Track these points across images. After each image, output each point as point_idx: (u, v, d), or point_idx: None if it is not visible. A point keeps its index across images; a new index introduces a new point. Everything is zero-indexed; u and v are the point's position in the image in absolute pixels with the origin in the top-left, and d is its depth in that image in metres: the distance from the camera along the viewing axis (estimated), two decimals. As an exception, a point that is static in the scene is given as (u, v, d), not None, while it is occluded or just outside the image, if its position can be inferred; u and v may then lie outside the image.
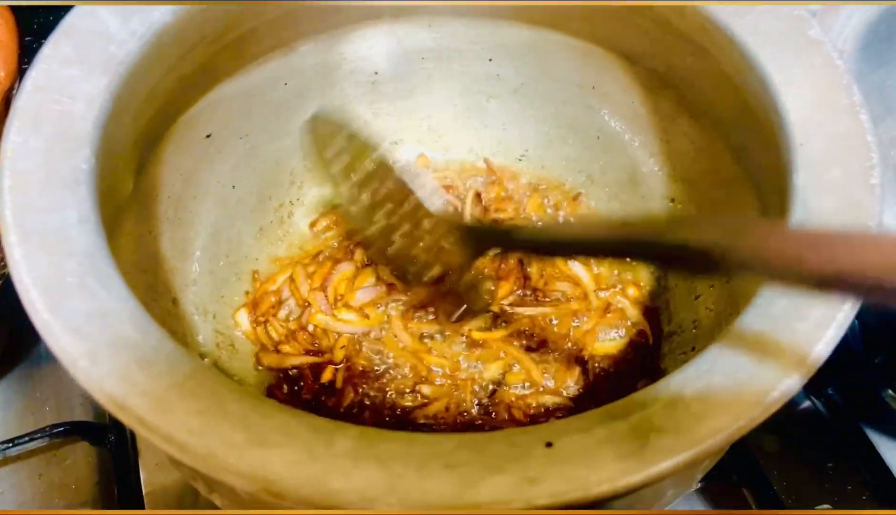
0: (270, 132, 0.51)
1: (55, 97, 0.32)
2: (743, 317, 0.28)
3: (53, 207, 0.29)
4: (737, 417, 0.24)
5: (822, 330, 0.26)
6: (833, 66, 0.33)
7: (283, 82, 0.49)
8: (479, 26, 0.50)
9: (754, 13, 0.36)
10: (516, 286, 0.49)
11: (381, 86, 0.53)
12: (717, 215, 0.46)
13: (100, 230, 0.30)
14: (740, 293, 0.41)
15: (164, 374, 0.26)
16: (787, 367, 0.25)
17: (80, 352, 0.26)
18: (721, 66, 0.39)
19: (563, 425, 0.25)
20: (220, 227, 0.49)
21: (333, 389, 0.45)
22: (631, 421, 0.25)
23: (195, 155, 0.46)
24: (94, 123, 0.32)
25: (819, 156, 0.31)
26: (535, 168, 0.55)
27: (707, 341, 0.43)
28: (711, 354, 0.27)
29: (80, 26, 0.34)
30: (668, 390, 0.26)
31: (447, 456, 0.24)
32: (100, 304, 0.27)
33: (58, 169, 0.30)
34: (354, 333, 0.47)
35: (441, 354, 0.46)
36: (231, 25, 0.42)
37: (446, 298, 0.47)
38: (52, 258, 0.28)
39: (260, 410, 0.25)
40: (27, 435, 0.46)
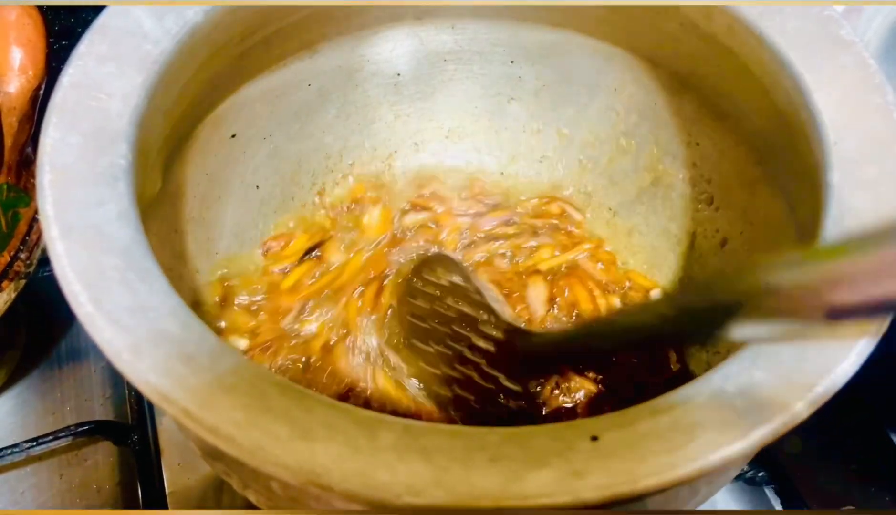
0: (293, 133, 0.51)
1: (92, 93, 0.32)
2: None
3: (93, 202, 0.29)
4: (782, 412, 0.24)
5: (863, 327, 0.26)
6: (865, 65, 0.34)
7: (306, 83, 0.49)
8: (500, 28, 0.50)
9: (783, 14, 0.36)
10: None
11: (402, 87, 0.53)
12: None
13: (138, 225, 0.30)
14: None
15: (207, 369, 0.26)
16: (831, 361, 0.26)
17: (124, 345, 0.26)
18: (748, 67, 0.39)
19: (607, 420, 0.25)
20: (243, 227, 0.49)
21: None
22: (674, 415, 0.25)
23: (220, 155, 0.46)
24: (130, 120, 0.32)
25: (853, 155, 0.31)
26: (555, 170, 0.55)
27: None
28: (751, 350, 0.27)
29: (115, 25, 0.35)
30: (710, 386, 0.26)
31: (492, 450, 0.24)
32: (141, 299, 0.27)
33: (96, 164, 0.30)
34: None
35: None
36: (258, 26, 0.42)
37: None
38: (92, 252, 0.28)
39: (303, 404, 0.25)
40: (51, 434, 0.47)
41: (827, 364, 0.26)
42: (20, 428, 0.52)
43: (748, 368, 0.26)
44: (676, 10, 0.41)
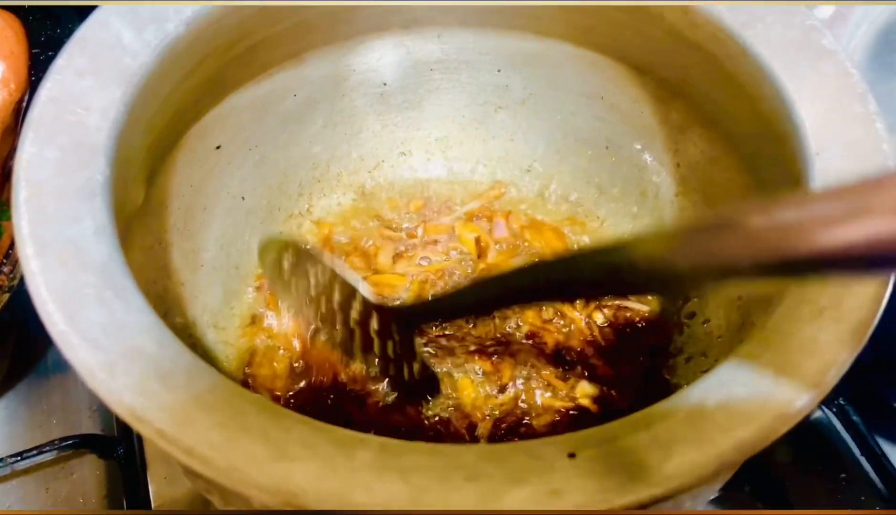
0: (279, 143, 0.51)
1: (70, 108, 0.32)
2: (763, 326, 0.28)
3: (69, 219, 0.29)
4: (761, 428, 0.24)
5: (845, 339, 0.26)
6: (847, 74, 0.33)
7: (292, 93, 0.49)
8: (487, 37, 0.50)
9: (766, 23, 0.36)
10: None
11: (389, 97, 0.53)
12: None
13: (115, 241, 0.29)
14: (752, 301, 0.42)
15: (183, 387, 0.25)
16: (810, 377, 0.25)
17: (98, 364, 0.25)
18: (734, 75, 0.39)
19: (586, 436, 0.25)
20: (229, 239, 0.49)
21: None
22: (654, 431, 0.25)
23: (205, 166, 0.46)
24: (109, 134, 0.32)
25: (835, 165, 0.31)
26: (543, 179, 0.55)
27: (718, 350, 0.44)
28: (731, 364, 0.27)
29: (94, 38, 0.34)
30: (689, 401, 0.26)
31: (469, 468, 0.24)
32: (117, 316, 0.27)
33: (73, 180, 0.30)
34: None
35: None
36: (242, 36, 0.42)
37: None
38: (68, 270, 0.28)
39: (280, 423, 0.25)
40: (35, 449, 0.46)
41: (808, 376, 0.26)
42: (6, 441, 0.51)
43: (728, 383, 0.26)
44: (661, 19, 0.41)
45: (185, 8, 0.36)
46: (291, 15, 0.43)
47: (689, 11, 0.38)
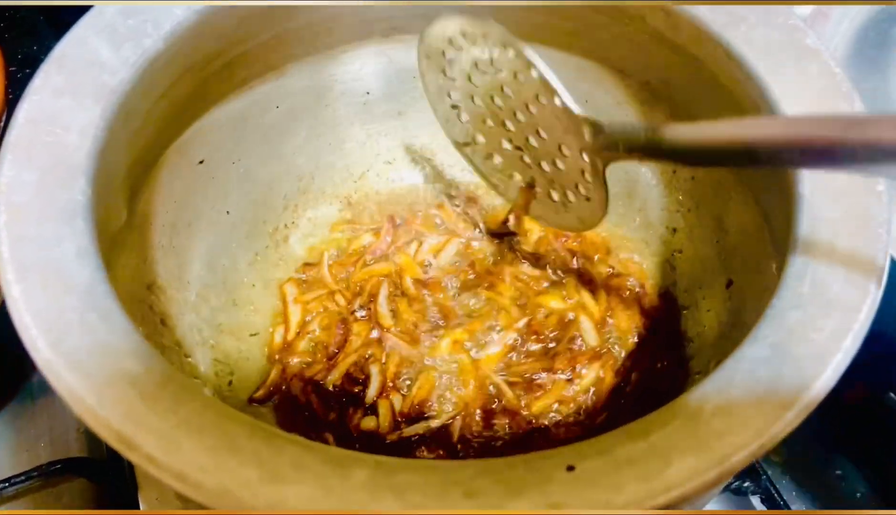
0: (262, 156, 0.50)
1: (48, 128, 0.32)
2: (757, 329, 0.27)
3: (50, 241, 0.29)
4: (759, 433, 0.24)
5: (839, 341, 0.26)
6: (832, 74, 0.33)
7: (274, 105, 0.49)
8: (469, 44, 0.50)
9: (748, 23, 0.36)
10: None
11: (373, 106, 0.53)
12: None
13: (98, 263, 0.29)
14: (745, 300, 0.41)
15: (172, 410, 0.25)
16: (806, 380, 0.25)
17: (84, 391, 0.25)
18: (717, 77, 0.39)
19: (584, 447, 0.25)
20: (215, 254, 0.48)
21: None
22: (651, 440, 0.24)
23: (188, 181, 0.45)
24: (88, 154, 0.32)
25: (823, 165, 0.31)
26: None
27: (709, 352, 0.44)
28: (728, 369, 0.26)
29: (71, 55, 0.34)
30: (687, 407, 0.25)
31: (466, 484, 0.24)
32: (102, 340, 0.26)
33: (53, 201, 0.30)
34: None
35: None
36: (221, 50, 0.42)
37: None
38: (51, 294, 0.27)
39: (272, 444, 0.25)
40: (23, 474, 0.45)
41: (804, 379, 0.26)
42: (-6, 465, 0.50)
43: (725, 387, 0.26)
44: (643, 22, 0.41)
45: (163, 23, 0.36)
46: (271, 27, 0.43)
47: (671, 14, 0.38)
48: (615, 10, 0.42)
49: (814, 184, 0.31)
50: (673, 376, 0.45)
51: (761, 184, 0.40)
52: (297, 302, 0.50)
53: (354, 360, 0.47)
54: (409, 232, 0.53)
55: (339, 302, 0.50)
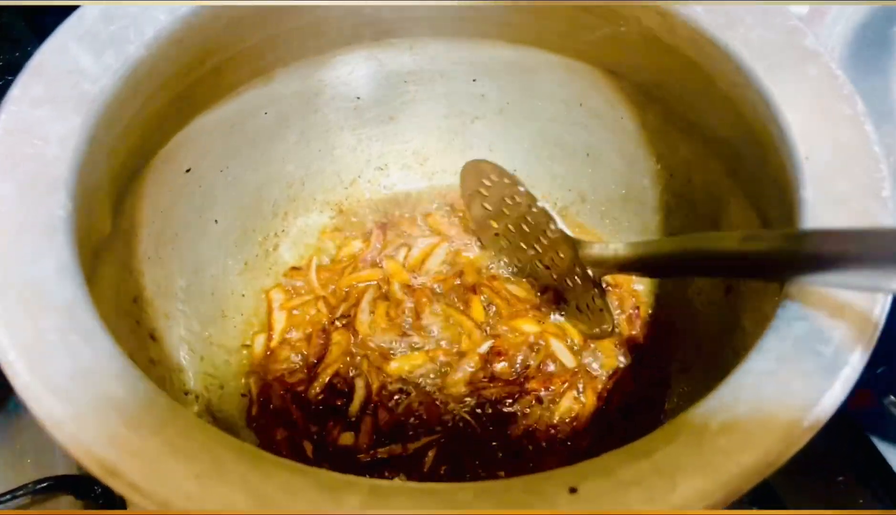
0: (251, 162, 0.49)
1: (27, 139, 0.30)
2: (762, 342, 0.27)
3: (29, 258, 0.27)
4: (768, 452, 0.23)
5: (848, 353, 0.25)
6: (832, 76, 0.33)
7: (262, 111, 0.48)
8: (460, 47, 0.49)
9: (746, 25, 0.35)
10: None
11: (363, 110, 0.52)
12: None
13: (80, 280, 0.28)
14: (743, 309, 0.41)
15: (156, 434, 0.24)
16: (815, 395, 0.24)
17: (65, 416, 0.24)
18: (713, 79, 0.38)
19: (586, 468, 0.24)
20: (203, 263, 0.47)
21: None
22: (655, 459, 0.24)
23: (175, 190, 0.44)
24: (69, 165, 0.31)
25: (825, 170, 0.30)
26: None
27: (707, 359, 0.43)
28: (733, 383, 0.25)
29: (51, 64, 0.33)
30: (691, 424, 0.24)
31: (463, 508, 0.23)
32: (84, 362, 0.25)
33: (33, 216, 0.29)
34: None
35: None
36: (207, 55, 0.40)
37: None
38: (30, 313, 0.26)
39: (260, 468, 0.24)
40: (9, 493, 0.44)
41: (812, 395, 0.25)
42: (-22, 484, 0.49)
43: (731, 404, 0.25)
44: (638, 23, 0.40)
45: (146, 28, 0.35)
46: (258, 32, 0.42)
47: (666, 16, 0.37)
48: (608, 12, 0.41)
49: (816, 189, 0.30)
50: (656, 396, 0.44)
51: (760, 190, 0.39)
52: (283, 308, 0.50)
53: (336, 370, 0.46)
54: (399, 236, 0.53)
55: (321, 310, 0.49)
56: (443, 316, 0.48)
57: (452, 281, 0.50)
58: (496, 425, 0.44)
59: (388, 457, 0.43)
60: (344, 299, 0.50)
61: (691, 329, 0.46)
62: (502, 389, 0.45)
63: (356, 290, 0.50)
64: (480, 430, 0.44)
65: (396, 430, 0.44)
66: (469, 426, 0.44)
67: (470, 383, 0.46)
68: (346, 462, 0.43)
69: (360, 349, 0.47)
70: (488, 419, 0.44)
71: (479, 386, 0.45)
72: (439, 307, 0.49)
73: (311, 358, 0.47)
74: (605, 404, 0.45)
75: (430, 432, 0.44)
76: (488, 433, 0.44)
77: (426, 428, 0.44)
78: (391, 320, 0.48)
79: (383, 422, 0.44)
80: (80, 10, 0.35)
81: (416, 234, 0.53)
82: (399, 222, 0.54)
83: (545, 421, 0.45)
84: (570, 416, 0.45)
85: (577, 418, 0.45)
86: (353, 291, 0.50)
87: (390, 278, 0.50)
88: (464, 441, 0.44)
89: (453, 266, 0.51)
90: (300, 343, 0.48)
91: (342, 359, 0.47)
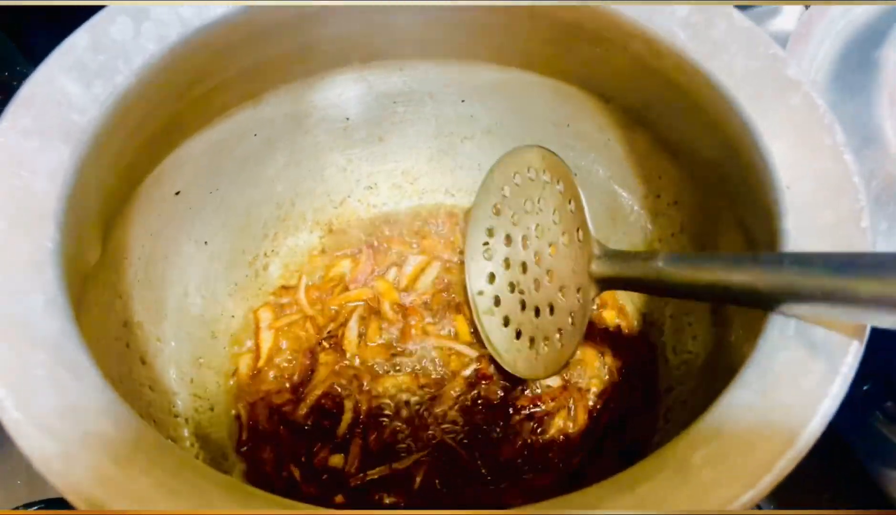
0: (241, 184, 0.49)
1: (15, 171, 0.31)
2: (744, 373, 0.27)
3: (17, 292, 0.28)
4: (751, 484, 0.23)
5: (827, 386, 0.26)
6: (814, 106, 0.33)
7: (252, 133, 0.48)
8: (449, 69, 0.49)
9: (730, 53, 0.36)
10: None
11: (353, 131, 0.52)
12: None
13: (68, 313, 0.28)
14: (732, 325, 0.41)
15: (146, 472, 0.24)
16: (796, 427, 0.25)
17: (53, 453, 0.24)
18: (699, 105, 0.38)
19: (569, 501, 0.24)
20: (193, 286, 0.47)
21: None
22: (639, 493, 0.24)
23: (164, 213, 0.44)
24: (58, 197, 0.31)
25: (807, 199, 0.31)
26: (513, 207, 0.54)
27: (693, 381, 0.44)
28: (716, 415, 0.26)
29: (40, 95, 0.33)
30: (674, 457, 0.25)
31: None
32: (72, 398, 0.25)
33: (20, 251, 0.29)
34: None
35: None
36: (195, 81, 0.41)
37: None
38: (18, 348, 0.26)
39: (249, 506, 0.24)
40: None
41: (793, 427, 0.25)
42: (-32, 506, 0.49)
43: (714, 435, 0.25)
44: (625, 49, 0.40)
45: (134, 58, 0.35)
46: (246, 57, 0.42)
47: (651, 42, 0.38)
48: (595, 36, 0.42)
49: (798, 220, 0.31)
50: (646, 419, 0.45)
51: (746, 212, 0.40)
52: (271, 328, 0.50)
53: (323, 391, 0.46)
54: (389, 256, 0.53)
55: (309, 330, 0.49)
56: (432, 336, 0.49)
57: (441, 297, 0.51)
58: (484, 447, 0.44)
59: (377, 478, 0.43)
60: (332, 318, 0.50)
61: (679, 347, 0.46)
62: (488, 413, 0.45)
63: (345, 310, 0.50)
64: (467, 455, 0.44)
65: (385, 451, 0.44)
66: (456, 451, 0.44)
67: (457, 405, 0.46)
68: (336, 484, 0.43)
69: (348, 369, 0.47)
70: (476, 444, 0.44)
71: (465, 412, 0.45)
72: (429, 327, 0.49)
73: (298, 378, 0.48)
74: (595, 423, 0.46)
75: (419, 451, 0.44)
76: (475, 457, 0.44)
77: (414, 448, 0.45)
78: (379, 340, 0.49)
79: (372, 443, 0.45)
80: (69, 40, 0.35)
81: (406, 253, 0.53)
82: (389, 241, 0.54)
83: (536, 437, 0.45)
84: (562, 434, 0.45)
85: (568, 436, 0.45)
86: (343, 310, 0.50)
87: (381, 297, 0.51)
88: (452, 460, 0.44)
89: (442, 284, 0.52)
90: (287, 363, 0.48)
91: (329, 380, 0.47)
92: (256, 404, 0.47)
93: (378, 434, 0.45)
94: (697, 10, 0.37)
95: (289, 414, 0.46)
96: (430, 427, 0.45)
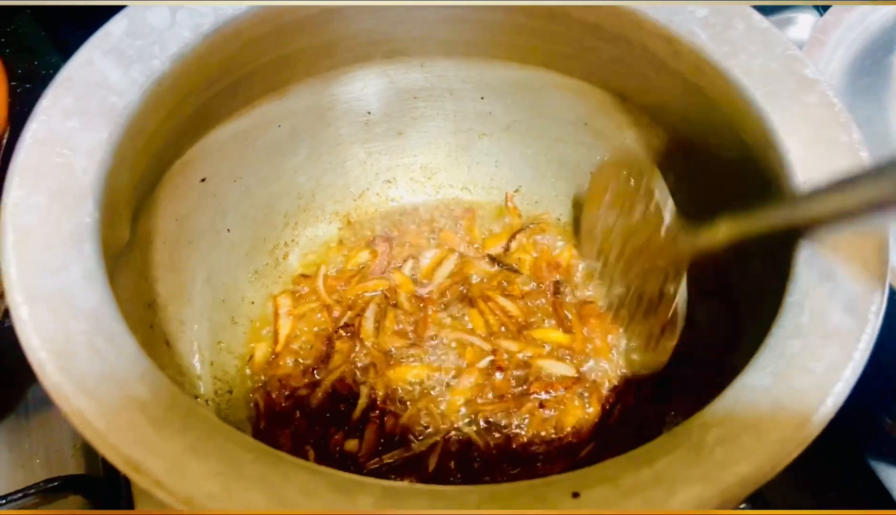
0: (264, 174, 0.50)
1: (56, 150, 0.32)
2: (757, 358, 0.28)
3: (58, 264, 0.29)
4: (762, 464, 0.24)
5: (839, 371, 0.27)
6: (830, 104, 0.34)
7: (276, 125, 0.49)
8: (470, 66, 0.51)
9: (748, 53, 0.37)
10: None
11: (373, 125, 0.53)
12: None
13: (106, 286, 0.29)
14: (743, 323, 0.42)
15: (179, 435, 0.25)
16: (807, 410, 0.26)
17: (93, 415, 0.25)
18: (717, 104, 0.39)
19: (589, 473, 0.25)
20: (215, 271, 0.48)
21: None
22: (656, 468, 0.25)
23: (190, 199, 0.45)
24: (96, 175, 0.32)
25: (822, 195, 0.32)
26: (529, 204, 0.55)
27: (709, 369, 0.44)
28: (730, 398, 0.27)
29: (80, 77, 0.34)
30: (688, 436, 0.26)
31: (472, 510, 0.24)
32: (110, 364, 0.26)
33: (61, 224, 0.30)
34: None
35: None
36: (226, 71, 0.42)
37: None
38: (59, 317, 0.27)
39: (278, 469, 0.25)
40: (20, 492, 0.45)
41: (805, 410, 0.26)
42: (-12, 482, 0.50)
43: (727, 417, 0.26)
44: (644, 49, 0.41)
45: (170, 45, 0.36)
46: (274, 50, 0.43)
47: (671, 42, 0.39)
48: (614, 36, 0.43)
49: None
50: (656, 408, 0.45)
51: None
52: (290, 314, 0.51)
53: (338, 376, 0.47)
54: (406, 248, 0.54)
55: (326, 318, 0.50)
56: (448, 328, 0.49)
57: (457, 290, 0.51)
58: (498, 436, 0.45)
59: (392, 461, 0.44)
60: (349, 307, 0.51)
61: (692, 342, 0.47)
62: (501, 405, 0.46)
63: (362, 300, 0.51)
64: (481, 442, 0.45)
65: (400, 437, 0.45)
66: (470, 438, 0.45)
67: (471, 396, 0.47)
68: (350, 467, 0.44)
69: (364, 357, 0.48)
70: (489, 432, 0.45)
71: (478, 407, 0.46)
72: (445, 318, 0.50)
73: (314, 364, 0.48)
74: (607, 415, 0.46)
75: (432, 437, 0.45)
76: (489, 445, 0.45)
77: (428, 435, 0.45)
78: (396, 330, 0.50)
79: (387, 428, 0.45)
80: (105, 27, 0.36)
81: (423, 246, 0.54)
82: (406, 234, 0.55)
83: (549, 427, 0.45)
84: (574, 424, 0.46)
85: (581, 427, 0.46)
86: (360, 300, 0.51)
87: (397, 288, 0.51)
88: (466, 447, 0.45)
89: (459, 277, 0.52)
90: (304, 349, 0.49)
91: (345, 367, 0.48)
92: (273, 389, 0.48)
93: (394, 420, 0.45)
94: (716, 10, 0.37)
95: (305, 398, 0.47)
96: (445, 414, 0.46)
